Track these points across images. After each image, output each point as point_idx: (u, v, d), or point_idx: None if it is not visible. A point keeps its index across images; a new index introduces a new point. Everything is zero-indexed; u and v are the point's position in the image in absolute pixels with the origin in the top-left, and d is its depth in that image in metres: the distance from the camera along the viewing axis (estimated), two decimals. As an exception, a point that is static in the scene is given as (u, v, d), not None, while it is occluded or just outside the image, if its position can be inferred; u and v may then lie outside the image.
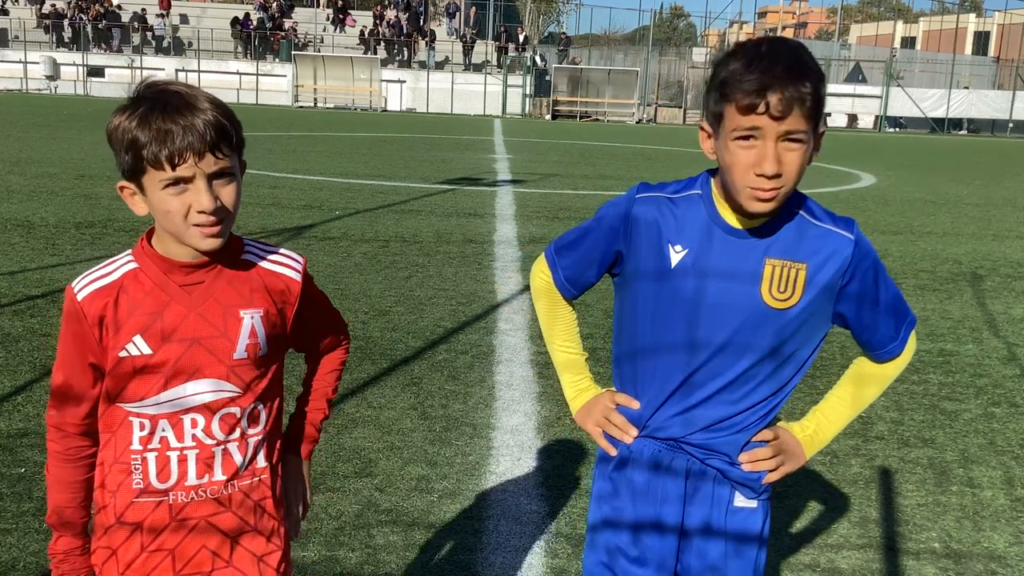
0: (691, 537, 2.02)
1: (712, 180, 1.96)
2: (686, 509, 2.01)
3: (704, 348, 1.92)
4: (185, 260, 1.80)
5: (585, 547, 2.16)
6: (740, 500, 2.01)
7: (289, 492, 2.04)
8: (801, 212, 1.93)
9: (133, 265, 1.81)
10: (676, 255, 1.92)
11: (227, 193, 1.74)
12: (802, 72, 1.74)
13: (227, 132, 1.71)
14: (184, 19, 44.33)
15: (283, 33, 43.49)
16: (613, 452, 2.07)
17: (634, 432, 2.03)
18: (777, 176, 1.78)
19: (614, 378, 2.12)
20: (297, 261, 1.94)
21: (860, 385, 2.09)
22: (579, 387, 2.17)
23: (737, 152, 1.80)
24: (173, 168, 1.68)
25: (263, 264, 1.89)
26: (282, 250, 1.95)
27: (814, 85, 1.75)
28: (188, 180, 1.70)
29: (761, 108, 1.74)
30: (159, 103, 1.69)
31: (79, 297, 1.79)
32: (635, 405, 2.03)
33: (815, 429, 2.08)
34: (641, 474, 2.03)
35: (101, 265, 1.84)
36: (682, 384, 1.95)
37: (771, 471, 2.01)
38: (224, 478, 1.87)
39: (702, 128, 1.92)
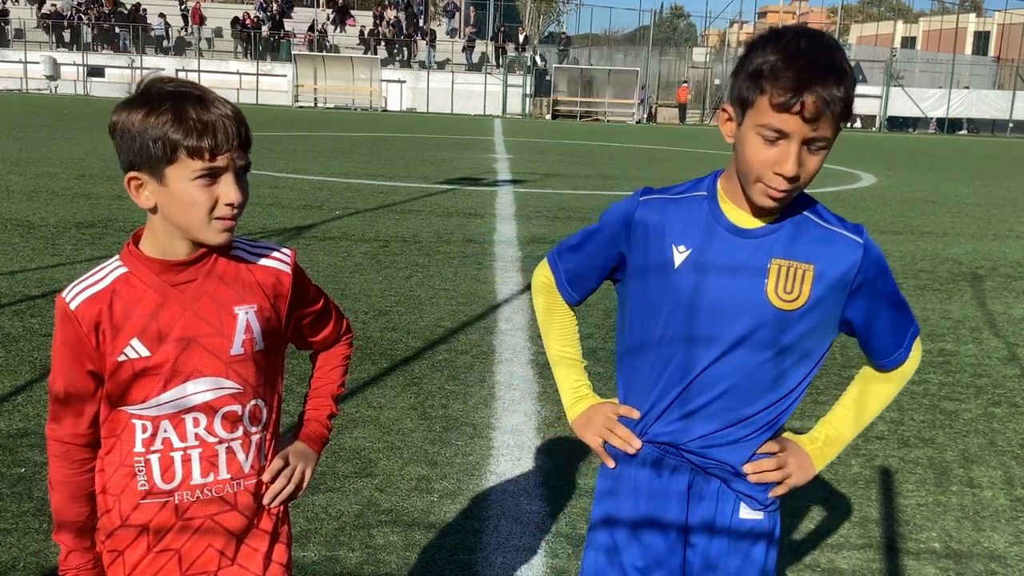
0: (695, 540, 1.99)
1: (719, 181, 1.95)
2: (690, 508, 1.98)
3: (709, 349, 1.89)
4: (177, 259, 1.79)
5: (585, 546, 2.14)
6: (745, 512, 1.98)
7: (276, 454, 1.96)
8: (809, 214, 1.91)
9: (123, 269, 1.80)
10: (680, 255, 1.90)
11: (245, 189, 1.78)
12: (839, 75, 1.73)
13: (249, 131, 1.77)
14: (219, 32, 44.25)
15: (313, 34, 43.51)
16: (612, 464, 2.04)
17: (638, 444, 2.00)
18: (795, 179, 1.78)
19: (617, 377, 2.10)
20: (286, 254, 1.93)
21: (867, 394, 2.06)
22: (578, 394, 2.14)
23: (759, 148, 1.78)
24: (213, 158, 1.70)
25: (253, 260, 1.89)
26: (270, 244, 1.94)
27: (847, 89, 1.73)
28: (221, 172, 1.72)
29: (796, 108, 1.72)
30: (192, 97, 1.71)
31: (72, 306, 1.77)
32: (635, 415, 2.00)
33: (824, 440, 2.04)
34: (644, 473, 2.00)
35: (90, 273, 1.82)
36: (686, 387, 1.92)
37: (777, 483, 1.98)
38: (229, 476, 1.87)
39: (724, 110, 1.89)
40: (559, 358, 2.18)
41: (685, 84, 45.80)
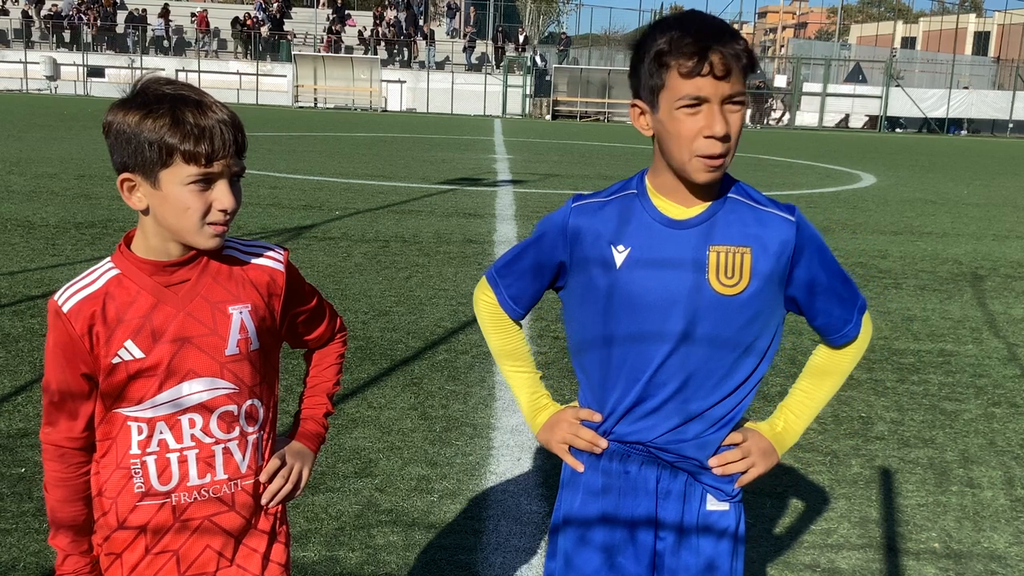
0: (665, 535, 2.01)
1: (647, 178, 1.97)
2: (659, 505, 2.00)
3: (662, 343, 1.91)
4: (169, 259, 1.78)
5: (551, 543, 2.11)
6: (712, 503, 2.00)
7: (274, 455, 1.96)
8: (740, 197, 1.94)
9: (115, 271, 1.79)
10: (619, 255, 1.92)
11: (239, 194, 1.77)
12: (732, 32, 1.80)
13: (245, 137, 1.76)
14: (218, 32, 44.42)
15: (331, 35, 43.54)
16: (581, 468, 2.05)
17: (603, 443, 2.01)
18: (726, 138, 1.81)
19: (579, 381, 2.10)
20: (279, 252, 1.93)
21: (822, 375, 2.09)
22: (537, 405, 2.15)
23: (684, 120, 1.81)
24: (209, 164, 1.69)
25: (246, 259, 1.88)
26: (263, 243, 1.94)
27: (745, 43, 1.81)
28: (216, 178, 1.71)
29: (705, 69, 1.76)
30: (190, 101, 1.70)
31: (64, 309, 1.75)
32: (597, 418, 2.01)
33: (784, 426, 2.07)
34: (613, 471, 2.01)
35: (82, 275, 1.81)
36: (647, 383, 1.93)
37: (742, 473, 2.00)
38: (226, 477, 1.86)
39: (635, 105, 1.91)
40: (513, 372, 2.18)
41: None
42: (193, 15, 44.25)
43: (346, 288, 7.34)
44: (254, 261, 1.89)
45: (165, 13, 43.42)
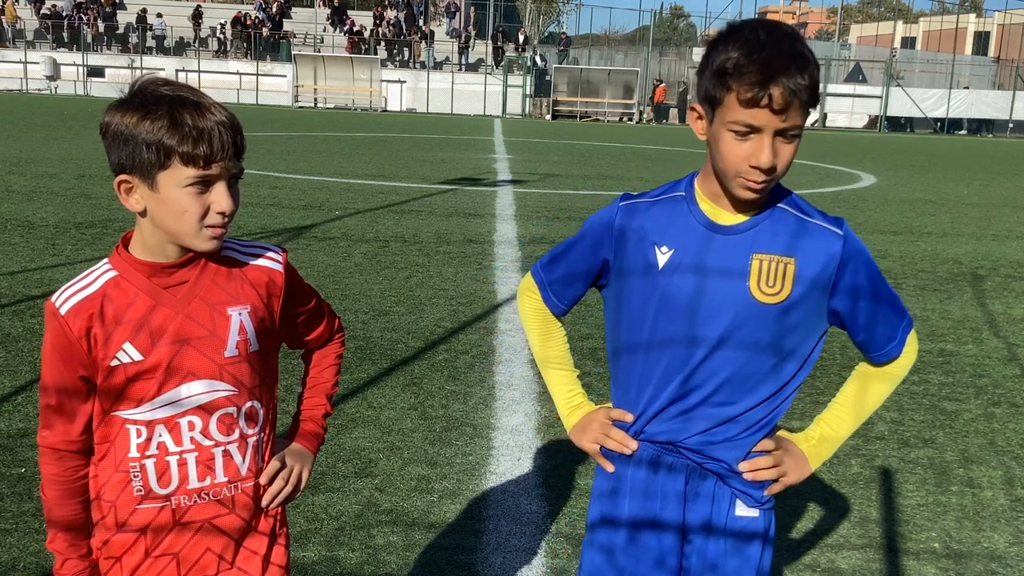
0: (692, 538, 2.00)
1: (696, 181, 1.96)
2: (687, 508, 1.99)
3: (698, 347, 1.91)
4: (168, 261, 1.77)
5: (583, 546, 2.14)
6: (741, 509, 1.98)
7: (273, 457, 1.96)
8: (788, 207, 1.92)
9: (113, 273, 1.77)
10: (663, 256, 1.92)
11: (237, 196, 1.76)
12: (801, 63, 1.75)
13: (244, 138, 1.75)
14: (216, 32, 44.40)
15: (354, 37, 43.54)
16: (611, 468, 2.05)
17: (634, 445, 2.01)
18: (771, 170, 1.79)
19: (611, 380, 2.11)
20: (278, 253, 1.92)
21: (863, 391, 2.06)
22: (572, 403, 2.16)
23: (732, 143, 1.80)
24: (207, 166, 1.67)
25: (244, 259, 1.87)
26: (262, 244, 1.92)
27: (811, 76, 1.76)
28: (214, 180, 1.70)
29: (764, 101, 1.73)
30: (188, 102, 1.68)
31: (62, 311, 1.74)
32: (628, 418, 2.01)
33: (819, 439, 2.05)
34: (641, 473, 2.01)
35: (79, 277, 1.79)
36: (680, 385, 1.93)
37: (773, 482, 1.99)
38: (226, 479, 1.86)
39: (693, 108, 1.90)
40: (551, 369, 2.20)
41: (662, 84, 45.61)
42: (221, 22, 44.35)
43: (346, 288, 7.34)
44: (253, 262, 1.87)
45: (197, 15, 43.45)
